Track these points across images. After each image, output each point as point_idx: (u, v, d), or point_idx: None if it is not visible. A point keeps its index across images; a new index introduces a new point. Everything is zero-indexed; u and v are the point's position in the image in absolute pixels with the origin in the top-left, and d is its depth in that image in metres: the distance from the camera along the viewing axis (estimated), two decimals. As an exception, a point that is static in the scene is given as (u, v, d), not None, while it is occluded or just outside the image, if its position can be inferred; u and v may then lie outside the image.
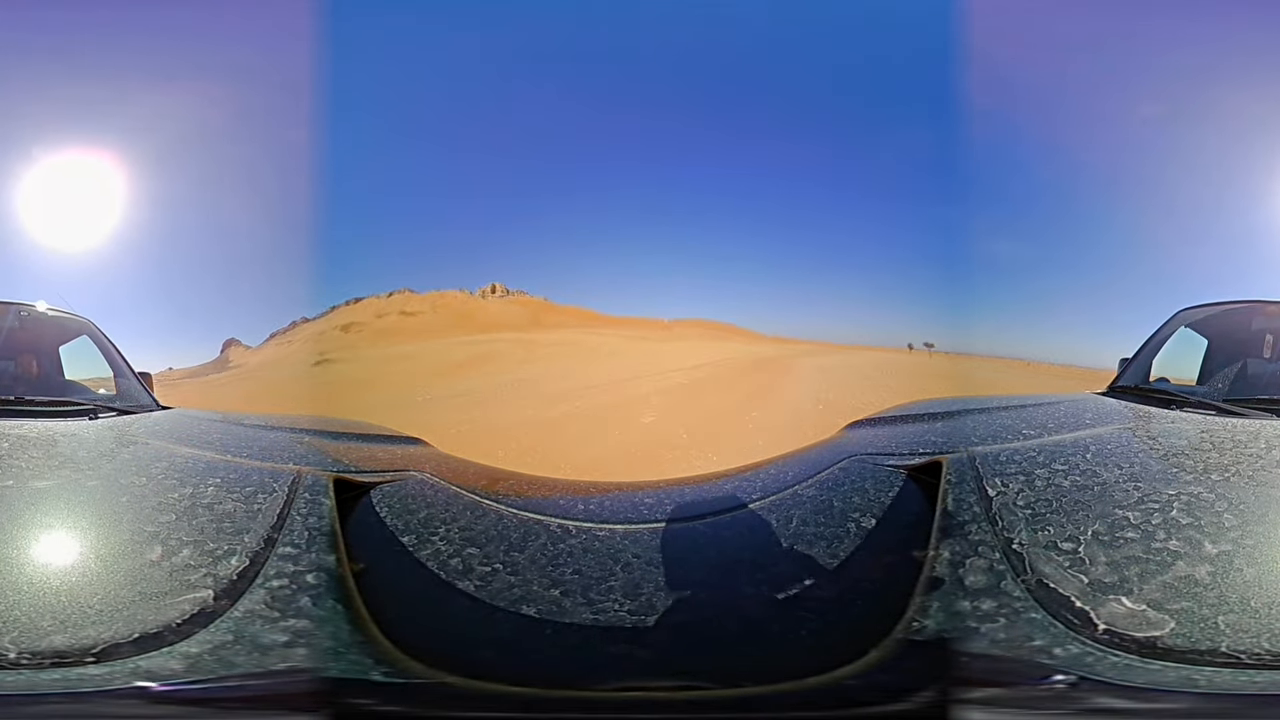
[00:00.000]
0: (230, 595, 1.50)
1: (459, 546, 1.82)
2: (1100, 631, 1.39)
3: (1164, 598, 1.44)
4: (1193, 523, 1.62)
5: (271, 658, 1.39)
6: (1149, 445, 2.27)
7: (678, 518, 2.01)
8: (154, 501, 1.81)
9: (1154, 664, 1.33)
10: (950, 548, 1.61)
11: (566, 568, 1.75)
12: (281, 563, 1.61)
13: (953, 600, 1.47)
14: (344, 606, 1.51)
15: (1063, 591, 1.46)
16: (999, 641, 1.38)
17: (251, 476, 2.02)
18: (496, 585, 1.68)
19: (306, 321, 4.94)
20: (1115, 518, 1.66)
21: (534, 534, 1.90)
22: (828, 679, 1.40)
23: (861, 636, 1.45)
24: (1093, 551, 1.56)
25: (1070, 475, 1.88)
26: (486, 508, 2.06)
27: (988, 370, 4.77)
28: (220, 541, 1.65)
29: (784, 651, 1.53)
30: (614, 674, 1.50)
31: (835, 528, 1.86)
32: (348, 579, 1.59)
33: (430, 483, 2.22)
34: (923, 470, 2.02)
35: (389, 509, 1.98)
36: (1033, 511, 1.71)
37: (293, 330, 4.90)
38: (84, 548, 1.66)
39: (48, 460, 2.11)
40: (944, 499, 1.80)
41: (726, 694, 1.45)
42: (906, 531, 1.79)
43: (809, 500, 2.03)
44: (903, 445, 2.37)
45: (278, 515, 1.78)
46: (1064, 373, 4.28)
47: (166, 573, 1.55)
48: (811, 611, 1.62)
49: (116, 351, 3.02)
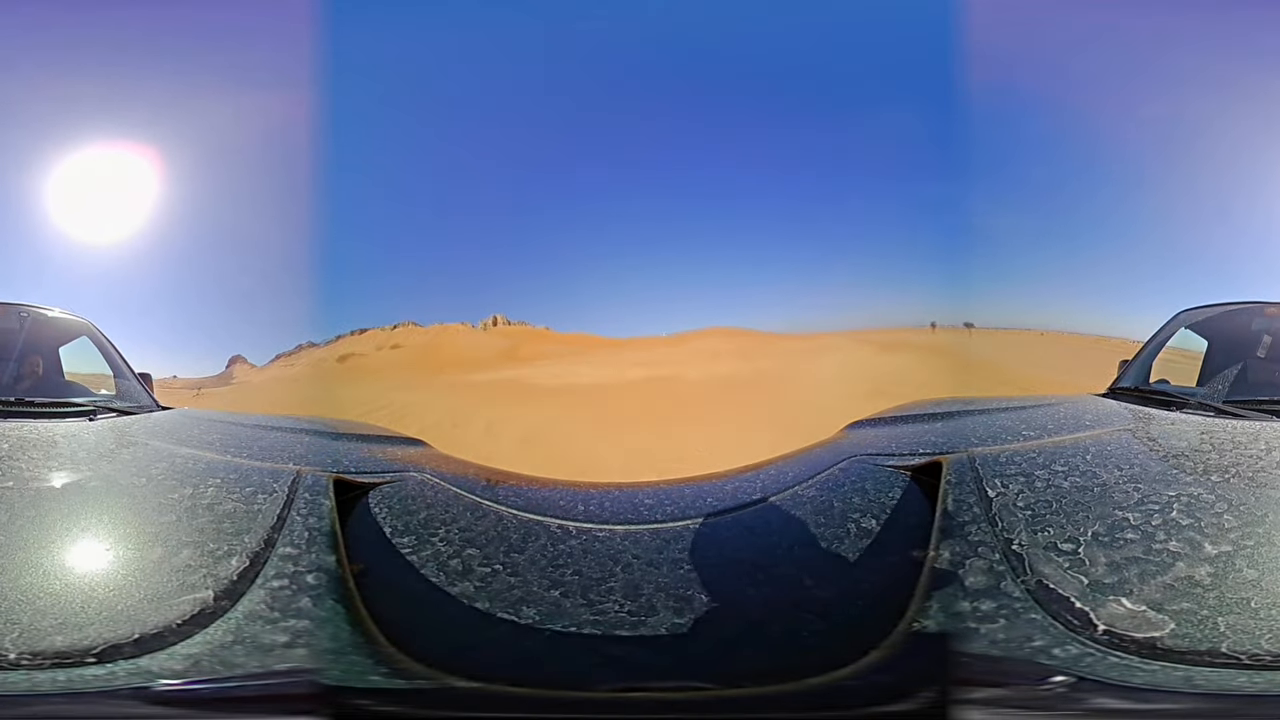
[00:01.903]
0: (230, 595, 1.50)
1: (459, 547, 1.82)
2: (1100, 632, 1.39)
3: (1164, 598, 1.44)
4: (1193, 524, 1.62)
5: (271, 658, 1.39)
6: (1149, 446, 2.28)
7: (678, 518, 2.01)
8: (154, 502, 1.82)
9: (1154, 664, 1.33)
10: (950, 548, 1.61)
11: (566, 568, 1.75)
12: (281, 563, 1.61)
13: (953, 601, 1.48)
14: (344, 607, 1.51)
15: (1063, 592, 1.46)
16: (999, 642, 1.38)
17: (251, 476, 2.02)
18: (496, 586, 1.68)
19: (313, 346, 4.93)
20: (1115, 519, 1.66)
21: (534, 534, 1.90)
22: (828, 679, 1.40)
23: (861, 637, 1.45)
24: (1093, 552, 1.56)
25: (1070, 476, 1.88)
26: (486, 508, 2.07)
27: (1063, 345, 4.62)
28: (220, 542, 1.65)
29: (784, 652, 1.53)
30: (614, 674, 1.50)
31: (835, 528, 1.86)
32: (348, 579, 1.59)
33: (430, 483, 2.22)
34: (923, 471, 2.02)
35: (389, 509, 1.98)
36: (1033, 512, 1.71)
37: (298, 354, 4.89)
38: (84, 548, 1.66)
39: (48, 461, 2.11)
40: (944, 500, 1.80)
41: (726, 694, 1.45)
42: (906, 532, 1.79)
43: (809, 501, 2.03)
44: (903, 446, 2.37)
45: (278, 515, 1.78)
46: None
47: (167, 573, 1.55)
48: (811, 612, 1.62)
49: (116, 352, 3.02)
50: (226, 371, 4.60)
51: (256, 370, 4.61)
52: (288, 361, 4.78)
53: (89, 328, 3.06)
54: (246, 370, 4.64)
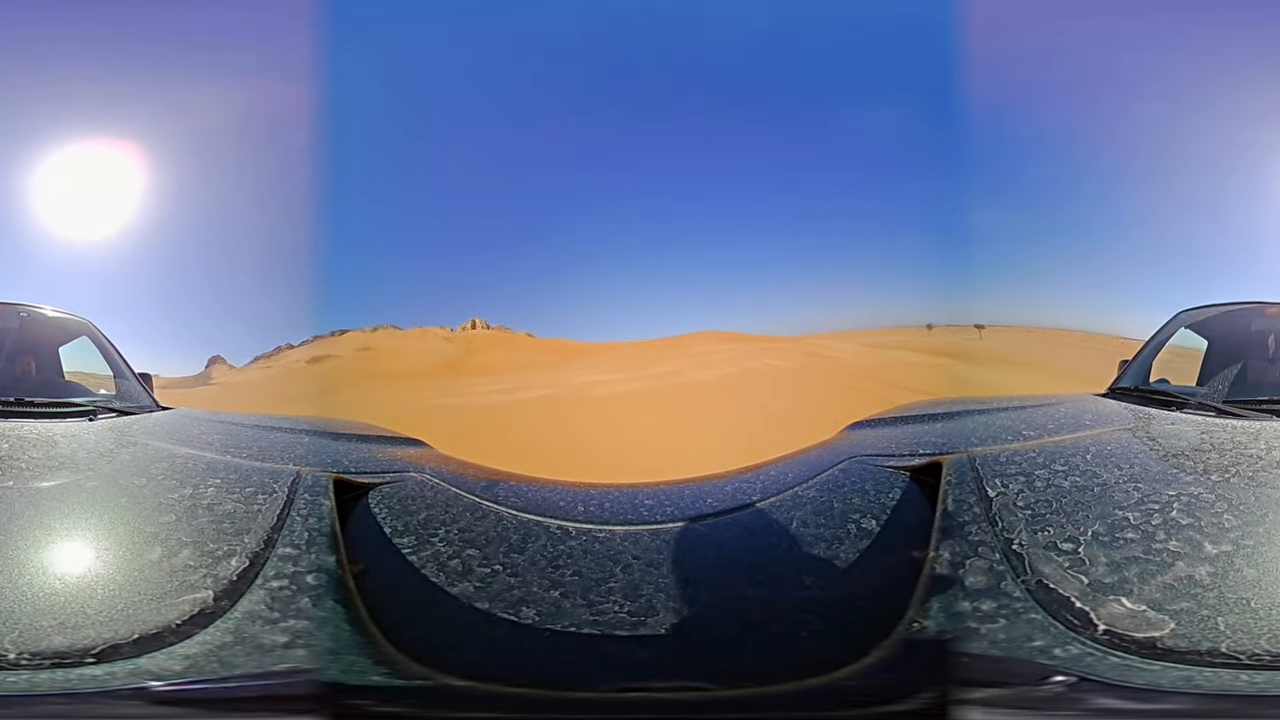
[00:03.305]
0: (230, 596, 1.50)
1: (459, 547, 1.82)
2: (1100, 632, 1.39)
3: (1164, 598, 1.44)
4: (1193, 523, 1.62)
5: (271, 658, 1.39)
6: (1149, 446, 2.27)
7: (678, 519, 2.01)
8: (154, 502, 1.82)
9: (1154, 664, 1.33)
10: (950, 548, 1.61)
11: (566, 569, 1.75)
12: (281, 563, 1.61)
13: (953, 600, 1.48)
14: (344, 607, 1.51)
15: (1063, 592, 1.46)
16: (999, 642, 1.38)
17: (251, 477, 2.02)
18: (496, 586, 1.68)
19: (291, 348, 4.88)
20: (1115, 518, 1.66)
21: (534, 535, 1.90)
22: (828, 679, 1.40)
23: (862, 637, 1.45)
24: (1093, 552, 1.56)
25: (1070, 476, 1.88)
26: (486, 509, 2.06)
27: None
28: (220, 542, 1.65)
29: (784, 652, 1.53)
30: (614, 675, 1.50)
31: (836, 529, 1.86)
32: (347, 580, 1.59)
33: (430, 483, 2.22)
34: (923, 471, 2.02)
35: (389, 510, 1.98)
36: (1033, 512, 1.71)
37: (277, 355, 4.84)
38: (84, 548, 1.66)
39: (48, 461, 2.11)
40: (944, 500, 1.80)
41: (726, 694, 1.45)
42: (907, 532, 1.79)
43: (809, 501, 2.03)
44: (903, 446, 2.37)
45: (278, 516, 1.78)
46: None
47: (166, 573, 1.55)
48: (812, 612, 1.62)
49: (116, 352, 3.02)
50: (205, 372, 4.58)
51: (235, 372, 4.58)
52: (266, 363, 4.75)
53: (89, 327, 3.05)
54: (224, 371, 4.61)
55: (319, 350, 5.08)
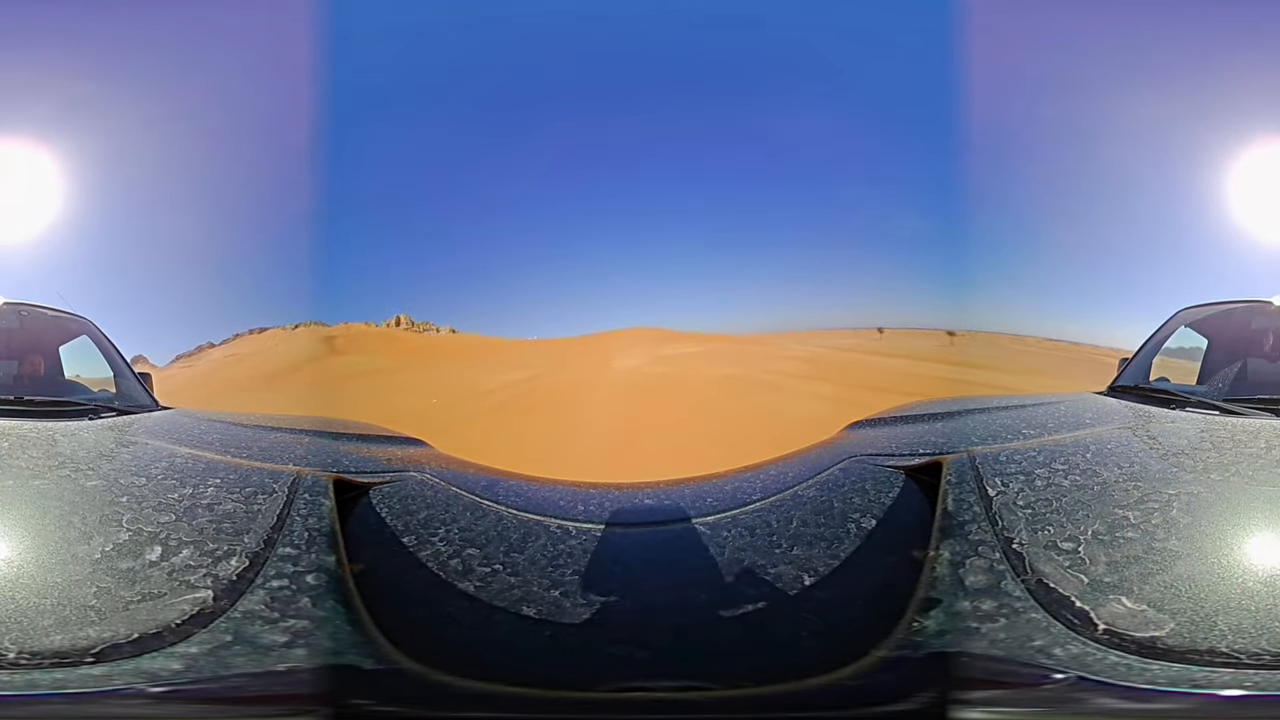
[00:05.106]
0: (230, 595, 1.50)
1: (459, 547, 1.82)
2: (1100, 631, 1.39)
3: (1164, 598, 1.44)
4: (1193, 522, 1.62)
5: (271, 658, 1.39)
6: (1149, 445, 2.28)
7: (678, 519, 2.01)
8: (154, 502, 1.81)
9: (1154, 664, 1.33)
10: (950, 548, 1.61)
11: (566, 568, 1.75)
12: (281, 563, 1.61)
13: (953, 600, 1.47)
14: (344, 607, 1.51)
15: (1063, 591, 1.46)
16: (999, 641, 1.38)
17: (251, 477, 2.02)
18: (496, 586, 1.68)
19: (212, 347, 4.84)
20: (1115, 517, 1.66)
21: (534, 534, 1.90)
22: (828, 679, 1.40)
23: (862, 637, 1.45)
24: (1093, 551, 1.56)
25: (1070, 475, 1.88)
26: (486, 508, 2.07)
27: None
28: (220, 542, 1.65)
29: (784, 652, 1.53)
30: (614, 674, 1.50)
31: (835, 528, 1.86)
32: (348, 579, 1.59)
33: (430, 483, 2.22)
34: (923, 471, 2.02)
35: (389, 509, 1.98)
36: (1033, 511, 1.71)
37: (198, 354, 4.79)
38: (84, 548, 1.66)
39: (48, 460, 2.11)
40: (944, 499, 1.80)
41: (726, 694, 1.45)
42: (907, 532, 1.79)
43: (809, 501, 2.03)
44: (903, 446, 2.37)
45: (278, 516, 1.78)
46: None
47: (166, 573, 1.55)
48: (812, 612, 1.62)
49: (116, 352, 3.02)
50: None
51: (156, 370, 4.55)
52: (187, 362, 4.70)
53: (89, 326, 3.05)
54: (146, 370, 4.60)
55: (238, 348, 5.02)
